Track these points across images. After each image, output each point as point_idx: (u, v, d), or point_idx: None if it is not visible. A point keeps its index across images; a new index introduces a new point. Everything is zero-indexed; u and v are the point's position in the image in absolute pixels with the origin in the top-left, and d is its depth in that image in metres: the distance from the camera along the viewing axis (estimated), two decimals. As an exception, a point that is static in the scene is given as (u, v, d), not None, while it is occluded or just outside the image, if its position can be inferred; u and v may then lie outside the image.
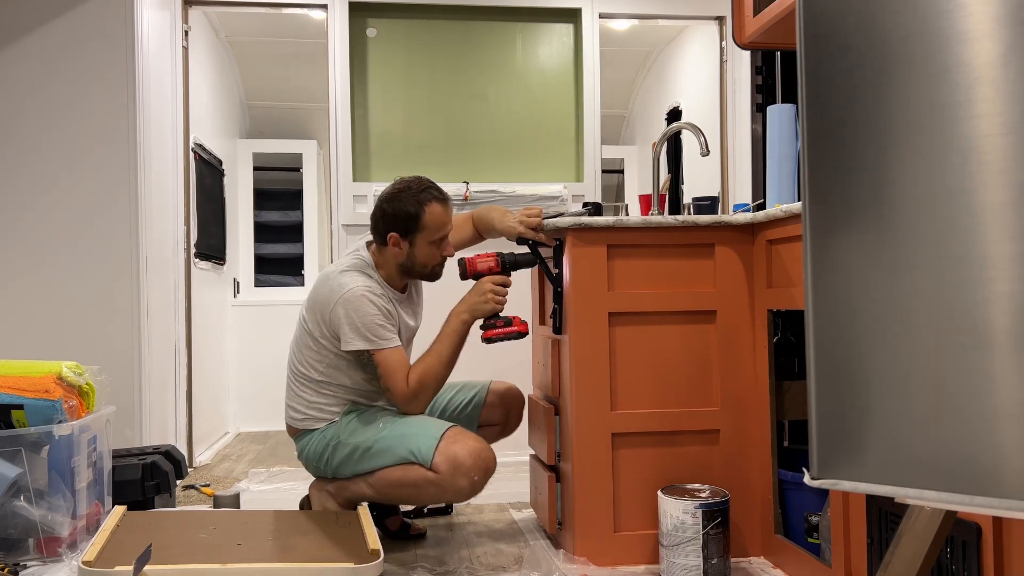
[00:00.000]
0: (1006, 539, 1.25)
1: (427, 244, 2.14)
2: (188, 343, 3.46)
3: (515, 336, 2.16)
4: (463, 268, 2.20)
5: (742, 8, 2.46)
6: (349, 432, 2.15)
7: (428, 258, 2.17)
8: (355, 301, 2.09)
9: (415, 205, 2.10)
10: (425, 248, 2.15)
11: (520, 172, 3.58)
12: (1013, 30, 0.81)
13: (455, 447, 2.02)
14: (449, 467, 2.00)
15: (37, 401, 2.04)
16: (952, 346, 0.85)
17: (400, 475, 2.06)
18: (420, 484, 2.04)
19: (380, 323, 2.10)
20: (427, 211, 2.11)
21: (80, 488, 2.10)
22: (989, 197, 0.83)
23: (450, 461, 2.00)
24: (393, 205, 2.12)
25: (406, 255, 2.16)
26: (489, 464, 2.06)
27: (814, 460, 0.97)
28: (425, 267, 2.19)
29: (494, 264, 2.17)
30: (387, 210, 2.13)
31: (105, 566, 1.76)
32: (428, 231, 2.12)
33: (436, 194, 2.14)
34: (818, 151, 0.97)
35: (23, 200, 2.89)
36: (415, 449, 2.04)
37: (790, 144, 2.19)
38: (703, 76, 4.15)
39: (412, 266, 2.18)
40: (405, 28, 3.53)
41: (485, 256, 2.18)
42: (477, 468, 2.02)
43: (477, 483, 2.03)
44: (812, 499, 1.95)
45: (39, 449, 2.03)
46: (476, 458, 2.02)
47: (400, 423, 2.13)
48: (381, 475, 2.09)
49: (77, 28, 2.92)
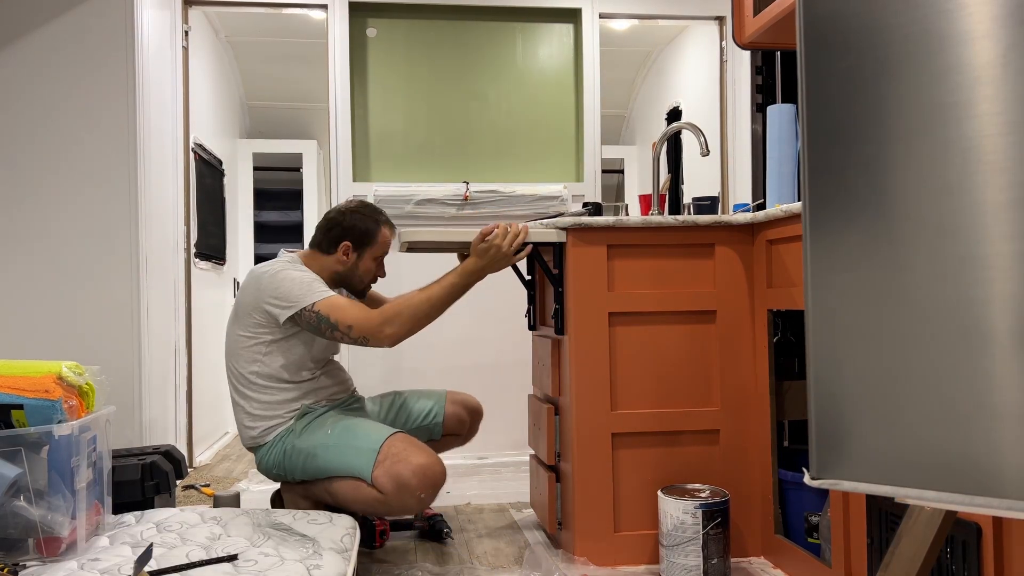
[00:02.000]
0: (1006, 539, 1.25)
1: (371, 260, 2.28)
2: (188, 343, 3.46)
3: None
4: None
5: (742, 8, 2.46)
6: (301, 437, 2.14)
7: (367, 273, 2.30)
8: (281, 272, 2.14)
9: (372, 223, 2.27)
10: (369, 263, 2.29)
11: (520, 172, 3.58)
12: (1013, 30, 0.81)
13: (399, 467, 1.97)
14: (394, 487, 1.97)
15: (37, 401, 2.04)
16: (952, 346, 0.85)
17: (351, 491, 2.05)
18: (368, 501, 2.03)
19: (312, 279, 2.14)
20: (381, 231, 2.28)
21: (80, 488, 2.10)
22: (989, 197, 0.83)
23: (394, 481, 1.97)
24: (352, 218, 2.27)
25: (350, 265, 2.27)
26: (437, 480, 2.01)
27: (814, 460, 0.97)
28: (362, 281, 2.31)
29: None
30: (344, 222, 2.27)
31: None
32: (375, 248, 2.28)
33: (388, 220, 2.33)
34: (818, 151, 0.97)
35: (23, 200, 2.89)
36: (355, 468, 2.02)
37: (790, 144, 2.19)
38: (703, 76, 4.15)
39: (350, 276, 2.29)
40: (405, 28, 3.54)
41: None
42: (424, 487, 1.98)
43: (425, 500, 2.01)
44: (812, 499, 1.95)
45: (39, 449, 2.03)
46: (422, 477, 1.97)
47: (344, 430, 2.10)
48: (335, 487, 2.08)
49: (77, 28, 2.92)
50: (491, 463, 3.29)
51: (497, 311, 3.33)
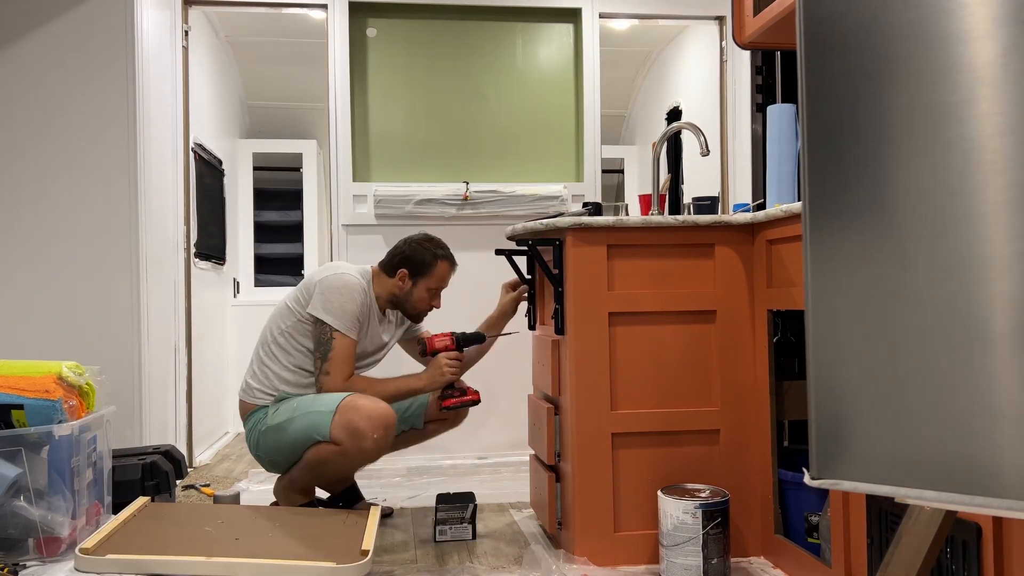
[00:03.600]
0: (1006, 539, 1.25)
1: (426, 290, 2.46)
2: (188, 343, 3.46)
3: (470, 404, 2.46)
4: (423, 346, 2.48)
5: (742, 8, 2.46)
6: (271, 417, 2.32)
7: (420, 302, 2.48)
8: (347, 286, 2.35)
9: (431, 256, 2.46)
10: (423, 292, 2.47)
11: (520, 172, 3.58)
12: (1013, 30, 0.81)
13: (349, 415, 2.18)
14: (348, 435, 2.17)
15: (37, 401, 2.04)
16: (952, 346, 0.85)
17: (313, 455, 2.24)
18: (330, 459, 2.24)
19: (353, 312, 2.33)
20: (439, 264, 2.46)
21: (80, 488, 2.10)
22: (989, 197, 0.83)
23: (347, 429, 2.17)
24: (414, 248, 2.47)
25: (406, 291, 2.47)
26: (387, 421, 2.21)
27: (814, 460, 0.97)
28: (415, 308, 2.50)
29: (450, 343, 2.45)
30: (406, 251, 2.47)
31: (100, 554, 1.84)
32: (431, 280, 2.46)
33: (449, 255, 2.50)
34: (818, 151, 0.97)
35: (23, 200, 2.89)
36: (313, 427, 2.21)
37: (790, 144, 2.19)
38: (703, 76, 4.15)
39: (404, 302, 2.49)
40: (405, 28, 3.53)
41: (442, 336, 2.46)
42: (375, 427, 2.18)
43: (380, 440, 2.20)
44: (812, 499, 1.95)
45: (39, 449, 2.03)
46: (370, 419, 2.17)
47: (308, 402, 2.28)
48: (307, 459, 2.26)
49: (77, 28, 2.92)
50: (491, 463, 3.29)
51: (497, 311, 3.32)
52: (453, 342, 2.46)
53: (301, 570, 1.83)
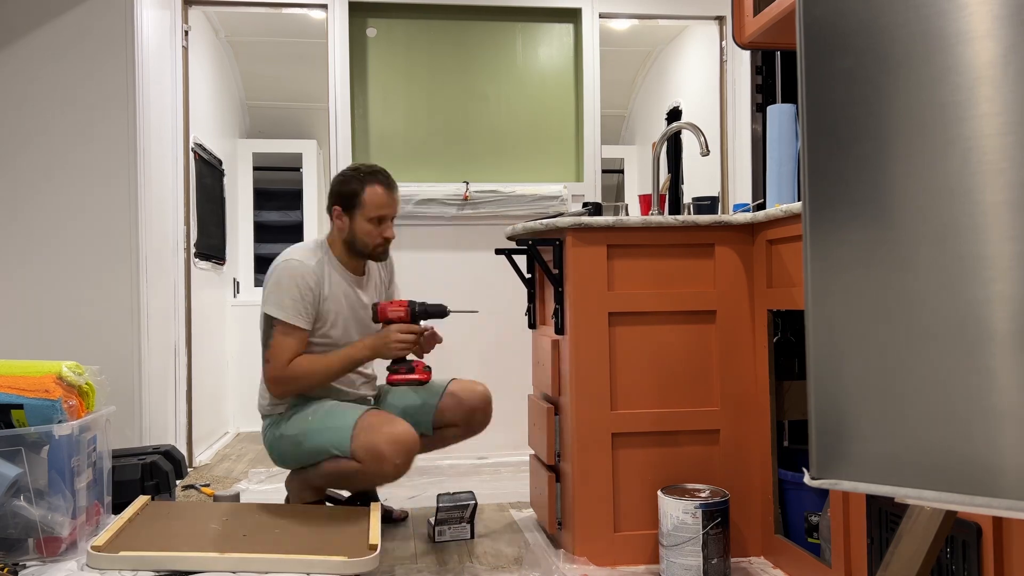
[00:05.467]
0: (1006, 539, 1.25)
1: (365, 221, 2.28)
2: (188, 343, 3.46)
3: (415, 383, 2.30)
4: (374, 313, 2.31)
5: (742, 8, 2.46)
6: (288, 426, 2.27)
7: (367, 235, 2.30)
8: (286, 270, 2.25)
9: (358, 184, 2.29)
10: (364, 225, 2.29)
11: (520, 172, 3.58)
12: (1013, 30, 0.81)
13: (372, 436, 2.12)
14: (369, 456, 2.12)
15: (37, 401, 2.04)
16: (952, 346, 0.85)
17: (333, 468, 2.20)
18: (350, 474, 2.20)
19: (292, 296, 2.22)
20: (368, 190, 2.28)
21: (80, 488, 2.10)
22: (989, 197, 0.83)
23: (369, 451, 2.12)
24: (339, 182, 2.33)
25: (348, 230, 2.31)
26: (410, 447, 2.15)
27: (814, 460, 0.97)
28: (365, 246, 2.32)
29: (403, 313, 2.27)
30: (334, 187, 2.33)
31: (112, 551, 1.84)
32: (366, 208, 2.28)
33: (381, 179, 2.31)
34: (818, 151, 0.97)
35: (23, 200, 2.89)
36: (334, 444, 2.16)
37: (790, 144, 2.19)
38: (703, 76, 4.15)
39: (354, 242, 2.32)
40: (405, 28, 3.53)
41: (396, 305, 2.28)
42: (397, 454, 2.12)
43: (401, 466, 2.14)
44: (812, 499, 1.95)
45: (39, 449, 2.03)
46: (394, 444, 2.11)
47: (321, 414, 2.23)
48: (323, 469, 2.22)
49: (77, 28, 2.92)
50: (491, 463, 3.29)
51: (497, 311, 3.32)
52: (407, 313, 2.26)
53: (312, 564, 1.83)
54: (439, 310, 2.29)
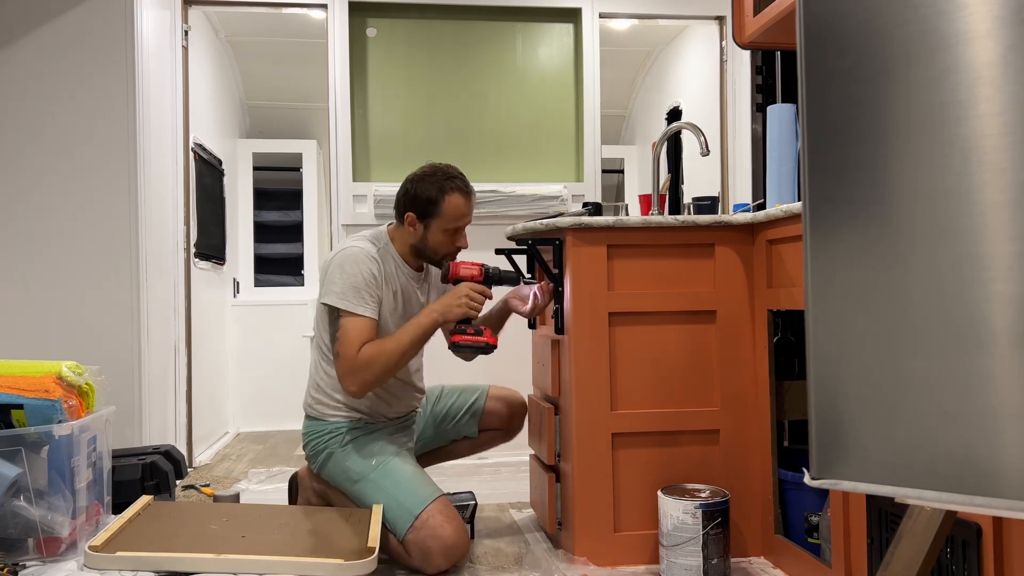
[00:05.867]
0: (1006, 539, 1.25)
1: (441, 231, 2.14)
2: (188, 343, 3.46)
3: (483, 347, 2.09)
4: (445, 271, 2.15)
5: (742, 8, 2.46)
6: (345, 452, 2.15)
7: (440, 245, 2.16)
8: (349, 258, 2.08)
9: (437, 191, 2.11)
10: (439, 235, 2.14)
11: (520, 172, 3.58)
12: (1013, 30, 0.81)
13: (430, 542, 1.97)
14: (419, 554, 1.99)
15: (37, 401, 2.04)
16: (952, 346, 0.85)
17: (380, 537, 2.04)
18: (391, 550, 2.05)
19: (359, 285, 2.05)
20: (447, 199, 2.11)
21: (80, 488, 2.10)
22: (989, 197, 0.83)
23: (421, 550, 1.98)
24: (416, 186, 2.13)
25: (420, 237, 2.16)
26: (459, 557, 2.03)
27: (814, 460, 0.97)
28: (436, 253, 2.17)
29: (476, 273, 2.11)
30: (409, 190, 2.14)
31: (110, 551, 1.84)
32: (444, 219, 2.12)
33: (460, 185, 2.14)
34: (818, 151, 0.97)
35: (22, 200, 2.89)
36: (391, 520, 2.03)
37: (790, 144, 2.19)
38: (703, 76, 4.15)
39: (424, 249, 2.18)
40: (405, 28, 3.53)
41: (470, 264, 2.12)
42: (448, 561, 1.99)
43: (442, 571, 2.01)
44: (812, 499, 1.95)
45: (39, 449, 2.03)
46: (446, 554, 1.98)
47: (389, 473, 2.09)
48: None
49: (77, 27, 2.92)
50: (491, 463, 3.29)
51: (497, 311, 3.32)
52: (481, 274, 2.11)
53: (309, 566, 1.83)
54: (512, 277, 2.15)
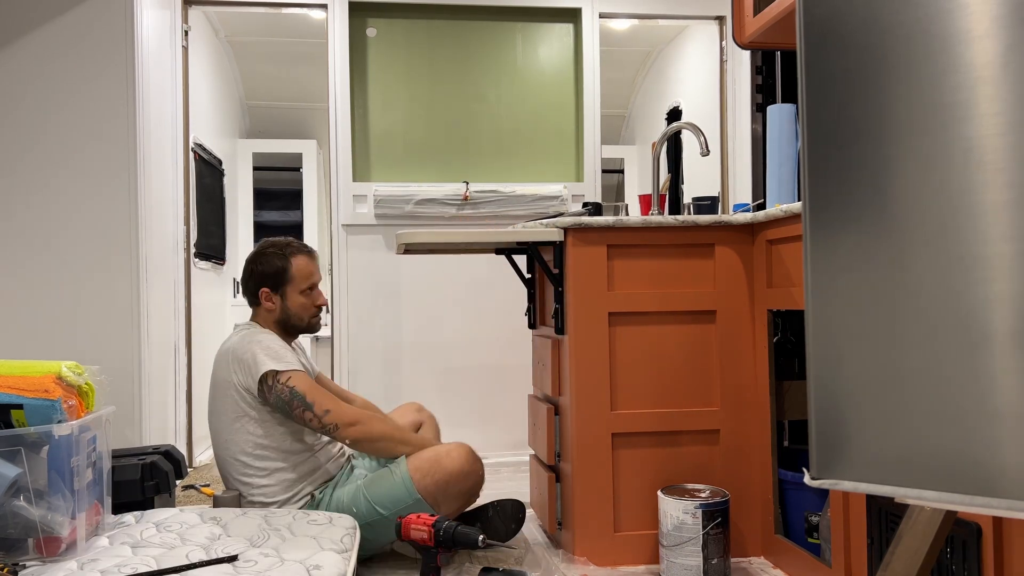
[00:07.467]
0: (1006, 539, 1.25)
1: (297, 294, 2.19)
2: (188, 343, 3.46)
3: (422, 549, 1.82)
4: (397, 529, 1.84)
5: (742, 8, 2.46)
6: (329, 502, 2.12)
7: (302, 309, 2.21)
8: (250, 338, 2.12)
9: (280, 259, 2.19)
10: (297, 299, 2.20)
11: (520, 172, 3.58)
12: (1013, 30, 0.81)
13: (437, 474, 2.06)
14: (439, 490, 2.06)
15: (36, 401, 2.04)
16: (952, 346, 0.85)
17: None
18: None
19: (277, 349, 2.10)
20: (293, 262, 2.19)
21: (80, 488, 2.10)
22: (989, 197, 0.83)
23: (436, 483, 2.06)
24: (259, 263, 2.20)
25: (280, 309, 2.20)
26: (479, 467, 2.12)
27: (814, 460, 0.97)
28: (300, 319, 2.22)
29: (427, 536, 1.79)
30: (256, 269, 2.20)
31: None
32: (296, 281, 2.19)
33: (299, 247, 2.23)
34: (818, 151, 0.97)
35: (22, 199, 2.89)
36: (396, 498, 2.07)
37: (790, 144, 2.19)
38: (703, 76, 4.15)
39: (288, 319, 2.21)
40: (405, 28, 3.53)
41: (421, 525, 1.80)
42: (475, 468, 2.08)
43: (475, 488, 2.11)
44: (812, 499, 1.95)
45: (39, 449, 2.03)
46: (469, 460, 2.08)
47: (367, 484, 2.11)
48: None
49: (77, 27, 2.92)
50: (491, 463, 3.29)
51: (497, 311, 3.32)
52: (431, 538, 1.78)
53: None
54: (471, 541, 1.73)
